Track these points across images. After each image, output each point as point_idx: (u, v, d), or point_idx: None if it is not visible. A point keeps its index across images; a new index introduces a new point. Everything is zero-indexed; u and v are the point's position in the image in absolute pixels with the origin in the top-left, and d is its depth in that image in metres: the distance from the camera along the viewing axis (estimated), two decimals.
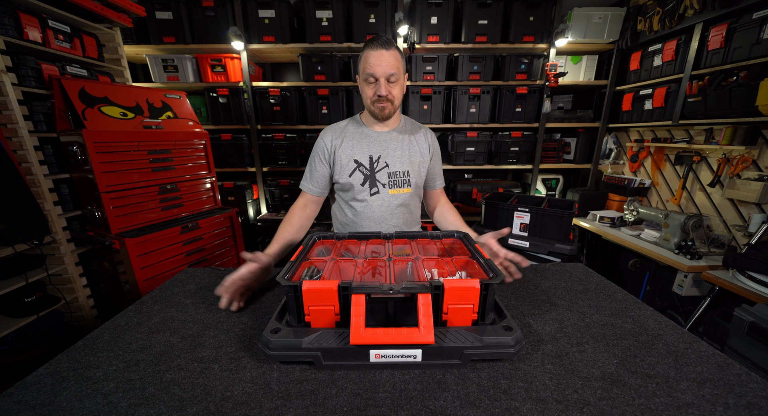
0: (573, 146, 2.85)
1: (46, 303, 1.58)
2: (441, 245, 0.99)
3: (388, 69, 1.01)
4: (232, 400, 0.56)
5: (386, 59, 1.01)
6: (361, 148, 1.14)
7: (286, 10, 2.38)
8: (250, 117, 2.61)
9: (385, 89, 1.03)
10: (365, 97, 1.08)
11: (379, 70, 1.01)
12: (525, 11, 2.41)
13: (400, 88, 1.07)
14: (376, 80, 1.03)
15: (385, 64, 1.01)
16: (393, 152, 1.15)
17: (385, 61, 1.01)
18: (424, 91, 2.54)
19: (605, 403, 0.54)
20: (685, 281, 1.81)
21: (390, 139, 1.16)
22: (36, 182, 1.51)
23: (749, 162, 1.85)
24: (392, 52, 1.01)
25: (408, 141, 1.18)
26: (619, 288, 0.96)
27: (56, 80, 1.52)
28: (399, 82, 1.06)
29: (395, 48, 1.03)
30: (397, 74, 1.03)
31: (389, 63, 1.01)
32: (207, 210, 2.08)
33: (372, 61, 1.01)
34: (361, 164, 1.13)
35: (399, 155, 1.16)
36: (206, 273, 1.09)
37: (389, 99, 1.06)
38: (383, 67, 1.01)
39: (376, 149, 1.14)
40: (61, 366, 0.64)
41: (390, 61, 1.01)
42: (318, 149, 1.16)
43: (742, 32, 1.70)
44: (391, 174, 1.15)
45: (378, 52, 1.00)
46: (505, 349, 0.63)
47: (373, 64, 1.01)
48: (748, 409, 0.52)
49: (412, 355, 0.63)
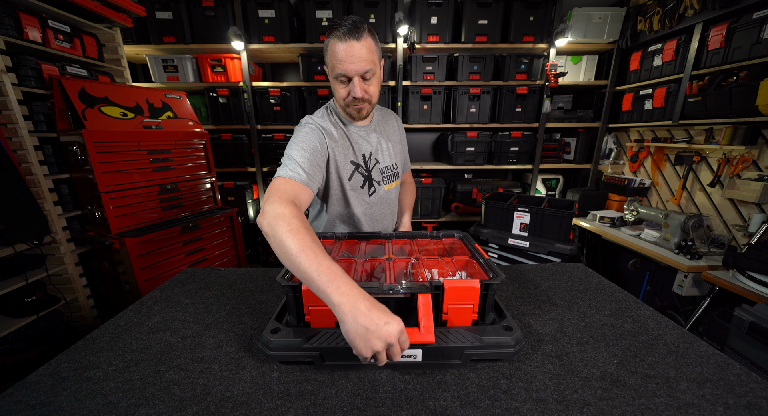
0: (573, 146, 2.85)
1: (46, 303, 1.58)
2: (441, 245, 0.99)
3: (362, 65, 0.82)
4: (232, 400, 0.56)
5: (358, 52, 0.81)
6: (355, 149, 1.00)
7: (286, 10, 2.38)
8: (250, 117, 2.61)
9: (360, 90, 0.86)
10: (338, 97, 0.91)
11: (351, 68, 0.82)
12: (525, 11, 2.41)
13: (377, 82, 0.91)
14: (349, 80, 0.86)
15: (357, 59, 0.81)
16: (379, 146, 1.06)
17: (357, 56, 0.81)
18: (424, 91, 2.54)
19: (605, 403, 0.54)
20: (685, 281, 1.81)
21: (373, 135, 1.05)
22: (36, 182, 1.51)
23: (749, 162, 1.85)
24: (364, 41, 0.81)
25: (386, 133, 1.10)
26: (619, 288, 0.96)
27: (56, 80, 1.52)
28: (376, 76, 0.88)
29: (367, 33, 0.82)
30: (373, 69, 0.85)
31: (362, 57, 0.81)
32: (207, 210, 2.08)
33: (341, 56, 0.81)
34: (358, 164, 1.01)
35: (385, 148, 1.07)
36: (206, 273, 1.09)
37: (367, 99, 0.89)
38: (356, 64, 0.82)
39: (366, 147, 1.03)
40: (61, 366, 0.64)
41: (363, 54, 0.81)
42: (314, 133, 0.91)
43: (742, 32, 1.70)
44: (383, 170, 1.07)
45: (347, 44, 0.80)
46: (505, 349, 0.63)
47: (343, 61, 0.82)
48: (748, 409, 0.52)
49: (412, 355, 0.63)
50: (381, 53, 0.92)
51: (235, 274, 1.08)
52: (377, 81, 0.91)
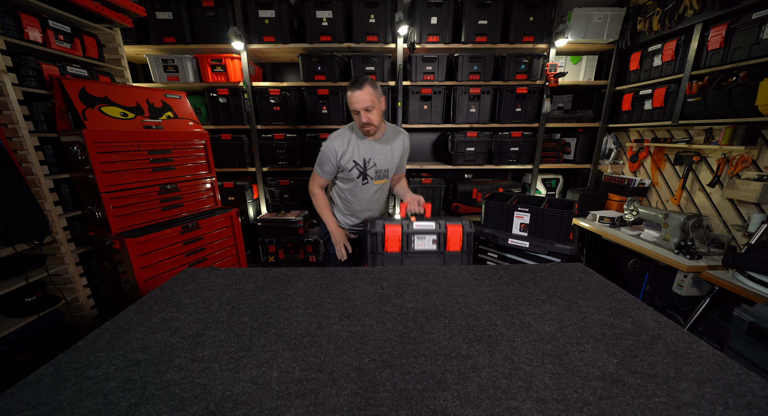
0: (573, 146, 2.85)
1: (47, 303, 1.58)
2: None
3: (363, 104, 1.38)
4: (232, 400, 0.56)
5: (359, 97, 1.37)
6: (358, 153, 1.54)
7: (286, 10, 2.38)
8: (250, 117, 2.61)
9: (365, 118, 1.41)
10: (357, 124, 1.49)
11: (357, 106, 1.39)
12: (525, 11, 2.41)
13: (377, 112, 1.43)
14: (358, 112, 1.40)
15: (359, 101, 1.37)
16: (379, 155, 1.56)
17: (359, 99, 1.37)
18: (424, 91, 2.55)
19: (605, 403, 0.54)
20: (684, 281, 1.81)
21: (377, 146, 1.56)
22: (36, 182, 1.51)
23: (749, 162, 1.85)
24: (364, 90, 1.36)
25: (390, 147, 1.60)
26: (619, 288, 0.96)
27: (57, 80, 1.52)
28: (376, 108, 1.41)
29: (367, 84, 1.37)
30: (372, 105, 1.38)
31: (362, 99, 1.37)
32: (207, 210, 2.08)
33: (351, 101, 1.40)
34: (357, 163, 1.55)
35: (383, 158, 1.58)
36: (206, 273, 1.09)
37: (370, 123, 1.43)
38: (359, 103, 1.38)
39: (368, 153, 1.55)
40: (62, 366, 0.65)
41: (363, 97, 1.36)
42: (329, 152, 1.53)
43: (741, 32, 1.70)
44: (377, 171, 1.58)
45: (353, 93, 1.38)
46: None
47: (352, 103, 1.40)
48: (748, 409, 0.52)
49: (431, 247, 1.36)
50: (381, 92, 1.45)
51: (235, 274, 1.09)
52: (377, 111, 1.43)
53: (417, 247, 1.39)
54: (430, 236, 1.38)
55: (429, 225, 1.39)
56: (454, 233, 1.37)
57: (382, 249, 1.37)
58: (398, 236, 1.36)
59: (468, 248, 1.40)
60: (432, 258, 1.41)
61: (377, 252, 1.38)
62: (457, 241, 1.38)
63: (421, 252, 1.40)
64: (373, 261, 1.40)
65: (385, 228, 1.36)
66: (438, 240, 1.39)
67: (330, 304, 0.90)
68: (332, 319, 0.82)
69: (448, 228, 1.38)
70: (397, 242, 1.37)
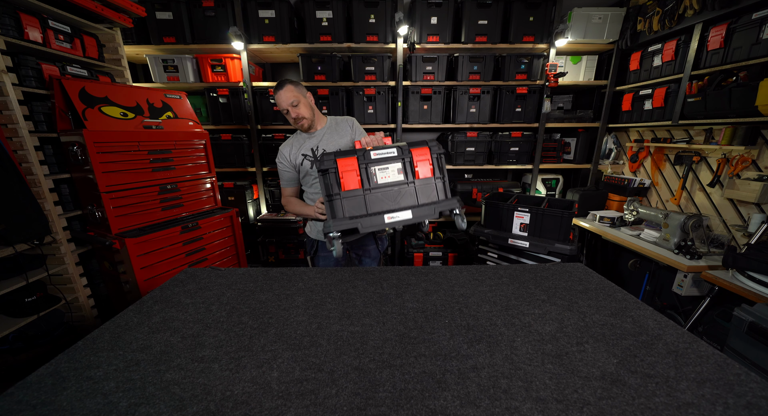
0: (573, 146, 2.85)
1: (47, 303, 1.58)
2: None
3: (287, 101, 1.43)
4: (233, 400, 0.56)
5: (282, 96, 1.43)
6: (304, 146, 1.56)
7: (286, 10, 2.38)
8: (250, 117, 2.61)
9: (294, 113, 1.45)
10: (291, 123, 1.52)
11: (283, 104, 1.44)
12: (525, 11, 2.41)
13: (304, 106, 1.46)
14: (287, 111, 1.45)
15: (283, 100, 1.43)
16: (326, 140, 1.56)
17: (282, 98, 1.43)
18: (424, 91, 2.54)
19: (605, 403, 0.54)
20: (684, 281, 1.81)
21: (322, 134, 1.58)
22: (36, 182, 1.51)
23: (749, 162, 1.85)
24: (285, 89, 1.43)
25: (333, 131, 1.59)
26: (619, 288, 0.96)
27: (57, 80, 1.52)
28: (302, 102, 1.45)
29: (287, 83, 1.44)
30: (296, 100, 1.43)
31: (285, 97, 1.43)
32: (207, 210, 2.08)
33: (277, 101, 1.46)
34: (307, 155, 1.51)
35: (331, 141, 1.56)
36: (206, 273, 1.09)
37: (301, 117, 1.46)
38: (283, 102, 1.44)
39: (314, 143, 1.56)
40: (62, 366, 0.65)
41: (285, 95, 1.43)
42: (280, 158, 1.58)
43: (741, 32, 1.70)
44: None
45: (278, 94, 1.44)
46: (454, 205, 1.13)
47: (279, 103, 1.45)
48: (748, 409, 0.52)
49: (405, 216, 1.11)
50: (304, 89, 1.51)
51: (235, 274, 1.09)
52: (305, 105, 1.47)
53: (380, 180, 1.15)
54: (394, 165, 1.16)
55: (389, 152, 1.15)
56: (421, 156, 1.15)
57: (338, 189, 1.12)
58: (355, 168, 1.12)
59: (441, 173, 1.18)
60: (402, 192, 1.16)
61: (333, 193, 1.13)
62: (426, 165, 1.16)
63: (386, 185, 1.15)
64: (332, 208, 1.13)
65: (338, 163, 1.11)
66: (404, 169, 1.15)
67: (330, 304, 0.90)
68: (332, 319, 0.82)
69: (413, 152, 1.15)
70: (355, 177, 1.12)
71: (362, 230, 1.09)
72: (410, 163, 1.16)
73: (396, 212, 1.12)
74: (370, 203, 1.14)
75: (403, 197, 1.16)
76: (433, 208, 1.13)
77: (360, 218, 1.11)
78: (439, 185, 1.18)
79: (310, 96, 1.53)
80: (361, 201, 1.14)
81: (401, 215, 1.12)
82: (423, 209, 1.13)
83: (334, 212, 1.13)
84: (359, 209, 1.13)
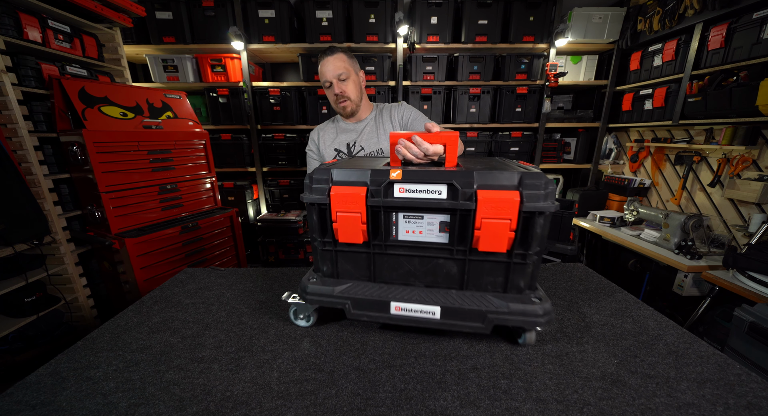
0: (573, 146, 2.85)
1: (46, 303, 1.58)
2: None
3: (335, 71, 1.18)
4: (232, 400, 0.56)
5: (332, 63, 1.17)
6: (339, 138, 1.33)
7: (286, 10, 2.38)
8: (250, 117, 2.61)
9: (338, 88, 1.19)
10: (331, 102, 1.27)
11: (328, 74, 1.18)
12: (525, 11, 2.41)
13: (353, 84, 1.22)
14: (330, 84, 1.20)
15: (331, 67, 1.18)
16: (366, 136, 1.30)
17: (331, 65, 1.18)
18: (424, 91, 2.54)
19: (605, 403, 0.54)
20: (685, 282, 1.81)
21: (363, 127, 1.32)
22: (36, 182, 1.51)
23: (749, 162, 1.85)
24: (336, 55, 1.18)
25: (379, 124, 1.31)
26: (619, 288, 0.96)
27: (56, 80, 1.52)
28: (351, 79, 1.21)
29: (340, 51, 1.19)
30: (346, 73, 1.18)
31: (335, 65, 1.17)
32: (207, 210, 2.08)
33: (322, 70, 1.20)
34: (340, 150, 1.31)
35: (372, 137, 1.30)
36: (206, 273, 1.09)
37: (345, 96, 1.21)
38: (330, 71, 1.18)
39: (352, 137, 1.31)
40: (61, 366, 0.64)
41: (336, 63, 1.17)
42: (310, 142, 1.38)
43: (742, 32, 1.70)
44: (367, 155, 1.29)
45: (324, 60, 1.19)
46: (533, 318, 0.61)
47: (323, 72, 1.19)
48: (749, 409, 0.52)
49: (430, 312, 0.62)
50: (357, 67, 1.25)
51: (235, 274, 1.08)
52: (353, 84, 1.22)
53: (404, 235, 0.65)
54: (434, 217, 0.62)
55: (432, 189, 0.60)
56: (496, 208, 0.56)
57: (331, 235, 0.66)
58: (359, 210, 0.62)
59: (528, 246, 0.60)
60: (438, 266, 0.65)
61: (323, 241, 0.68)
62: (499, 232, 0.57)
63: (412, 245, 0.65)
64: (317, 261, 0.72)
65: (332, 191, 0.62)
66: (454, 225, 0.61)
67: None
68: (332, 319, 0.82)
69: (479, 196, 0.57)
70: (358, 226, 0.63)
71: (350, 316, 0.68)
72: (467, 216, 0.59)
73: (414, 303, 0.64)
74: (379, 268, 0.69)
75: (437, 275, 0.67)
76: (487, 320, 0.62)
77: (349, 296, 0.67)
78: (518, 273, 0.62)
79: (363, 75, 1.28)
80: (362, 262, 0.69)
81: (421, 309, 0.64)
82: (465, 313, 0.62)
83: (319, 263, 0.72)
84: (359, 270, 0.70)
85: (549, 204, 0.56)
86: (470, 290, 0.66)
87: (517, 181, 0.58)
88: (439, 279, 0.67)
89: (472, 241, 0.60)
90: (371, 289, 0.69)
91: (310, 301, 0.70)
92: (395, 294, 0.67)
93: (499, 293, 0.65)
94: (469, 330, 0.63)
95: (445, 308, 0.63)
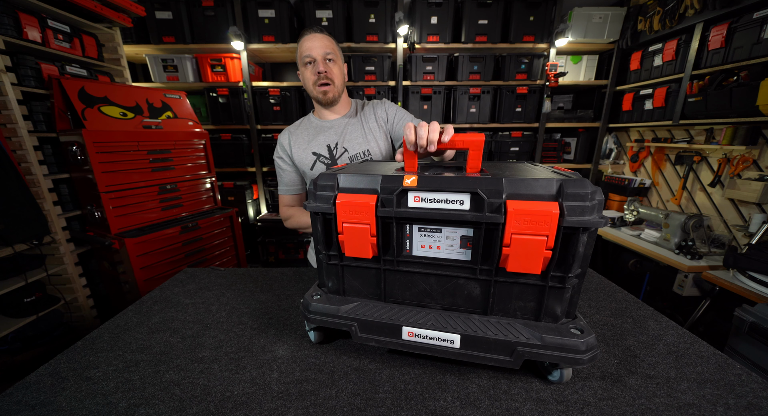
0: (573, 146, 2.85)
1: (46, 303, 1.58)
2: None
3: (324, 48, 1.02)
4: (232, 400, 0.56)
5: (320, 40, 1.02)
6: (317, 140, 1.12)
7: (286, 10, 2.38)
8: (250, 117, 2.61)
9: (323, 65, 1.02)
10: (308, 84, 1.07)
11: (315, 51, 1.01)
12: (525, 11, 2.41)
13: (339, 69, 1.07)
14: (314, 60, 1.02)
15: (319, 44, 1.01)
16: (350, 135, 1.12)
17: (320, 42, 1.01)
18: (424, 91, 2.54)
19: (605, 403, 0.54)
20: (685, 282, 1.81)
21: (344, 124, 1.13)
22: (35, 182, 1.51)
23: (750, 162, 1.85)
24: (326, 35, 1.04)
25: (362, 121, 1.14)
26: (619, 288, 0.96)
27: (56, 80, 1.52)
28: (337, 64, 1.06)
29: (329, 34, 1.06)
30: (334, 54, 1.04)
31: (323, 43, 1.02)
32: (207, 210, 2.08)
33: (308, 45, 1.02)
34: (320, 155, 1.12)
35: (356, 136, 1.12)
36: (206, 273, 1.09)
37: (329, 78, 1.04)
38: (318, 48, 1.01)
39: (333, 137, 1.12)
40: (61, 366, 0.64)
41: (324, 42, 1.02)
42: (281, 154, 1.16)
43: (742, 32, 1.70)
44: (352, 158, 1.11)
45: (312, 35, 1.03)
46: (573, 354, 0.50)
47: (309, 47, 1.02)
48: (749, 409, 0.52)
49: (448, 340, 0.52)
50: (343, 58, 1.12)
51: (235, 274, 1.08)
52: (339, 69, 1.07)
53: (418, 250, 0.58)
54: (454, 232, 0.55)
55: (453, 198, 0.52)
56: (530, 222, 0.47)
57: (337, 248, 0.60)
58: (368, 221, 0.55)
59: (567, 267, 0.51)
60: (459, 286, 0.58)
61: (328, 254, 0.62)
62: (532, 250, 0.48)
63: (428, 262, 0.58)
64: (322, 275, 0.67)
65: (338, 199, 0.56)
66: (477, 242, 0.53)
67: None
68: None
69: (509, 207, 0.48)
70: (367, 239, 0.56)
71: (357, 340, 0.61)
72: (495, 231, 0.51)
73: (429, 329, 0.57)
74: (390, 286, 0.62)
75: (456, 297, 0.59)
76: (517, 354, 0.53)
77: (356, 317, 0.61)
78: (554, 299, 0.54)
79: (346, 68, 1.15)
80: (371, 278, 0.63)
81: (437, 336, 0.56)
82: (490, 344, 0.54)
83: (324, 278, 0.67)
84: (367, 287, 0.64)
85: (595, 219, 0.47)
86: (496, 316, 0.57)
87: (556, 190, 0.48)
88: (459, 301, 0.58)
89: (499, 260, 0.51)
90: (381, 310, 0.61)
91: (312, 321, 0.63)
92: (408, 317, 0.58)
93: (531, 320, 0.55)
94: (494, 364, 0.54)
95: (466, 336, 0.54)
